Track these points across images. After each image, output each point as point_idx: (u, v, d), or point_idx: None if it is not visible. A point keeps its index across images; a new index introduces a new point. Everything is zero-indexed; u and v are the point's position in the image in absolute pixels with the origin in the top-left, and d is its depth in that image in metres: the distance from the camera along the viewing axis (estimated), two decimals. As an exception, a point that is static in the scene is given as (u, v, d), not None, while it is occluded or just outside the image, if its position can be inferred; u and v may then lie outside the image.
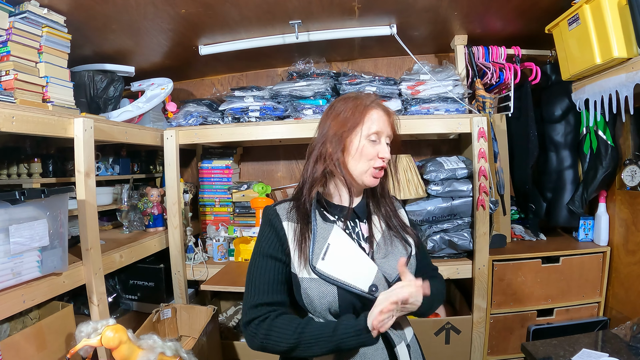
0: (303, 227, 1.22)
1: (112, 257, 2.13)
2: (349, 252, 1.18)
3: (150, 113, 2.69)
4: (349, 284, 1.14)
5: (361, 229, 1.27)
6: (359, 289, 1.13)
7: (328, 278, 1.14)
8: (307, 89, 2.50)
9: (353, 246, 1.20)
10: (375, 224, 1.28)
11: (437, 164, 2.38)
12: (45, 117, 1.74)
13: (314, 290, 1.15)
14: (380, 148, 1.23)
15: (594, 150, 2.44)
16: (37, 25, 1.86)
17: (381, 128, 1.22)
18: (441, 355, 2.38)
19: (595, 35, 1.99)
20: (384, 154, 1.22)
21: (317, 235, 1.20)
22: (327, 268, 1.15)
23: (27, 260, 1.62)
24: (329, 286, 1.14)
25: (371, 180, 1.24)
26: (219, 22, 2.28)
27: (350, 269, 1.16)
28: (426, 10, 2.24)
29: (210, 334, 2.19)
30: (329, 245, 1.18)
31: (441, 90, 2.40)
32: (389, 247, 1.24)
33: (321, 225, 1.22)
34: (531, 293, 2.44)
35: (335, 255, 1.17)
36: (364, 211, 1.30)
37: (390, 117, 1.27)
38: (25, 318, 1.81)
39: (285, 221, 1.24)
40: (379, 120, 1.23)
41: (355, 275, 1.15)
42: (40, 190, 1.62)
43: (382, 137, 1.23)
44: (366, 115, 1.22)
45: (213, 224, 2.84)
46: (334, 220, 1.24)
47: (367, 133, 1.22)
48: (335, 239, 1.20)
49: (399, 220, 1.32)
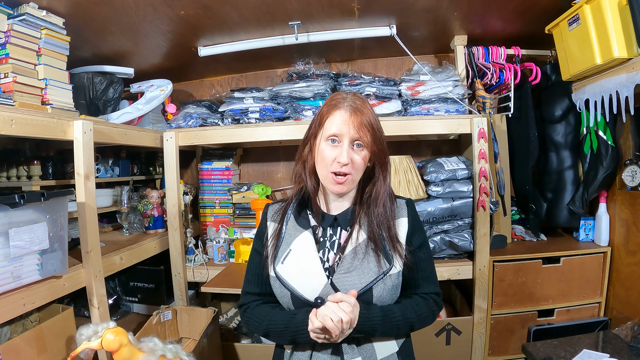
0: (279, 230, 1.26)
1: (112, 259, 2.13)
2: (306, 261, 1.19)
3: (150, 115, 2.68)
4: (297, 291, 1.16)
5: (340, 237, 1.23)
6: (304, 297, 1.15)
7: (282, 281, 1.19)
8: (306, 90, 2.50)
9: (312, 255, 1.19)
10: (354, 234, 1.20)
11: (437, 164, 2.37)
12: (45, 120, 1.73)
13: (276, 289, 1.22)
14: (338, 152, 1.15)
15: (595, 151, 2.43)
16: (35, 27, 1.85)
17: (340, 130, 1.15)
18: (442, 357, 2.38)
19: (596, 35, 1.99)
20: (341, 158, 1.14)
21: (283, 241, 1.24)
22: (284, 272, 1.19)
23: (27, 263, 1.61)
24: (284, 289, 1.19)
25: (333, 187, 1.18)
26: (218, 23, 2.27)
27: (302, 278, 1.18)
28: (426, 11, 2.24)
29: (211, 335, 2.19)
30: (290, 251, 1.21)
31: (441, 90, 2.40)
32: (357, 262, 1.16)
33: (290, 229, 1.25)
34: (532, 293, 2.44)
35: (293, 261, 1.20)
36: (347, 219, 1.24)
37: (359, 118, 1.15)
38: (25, 321, 1.81)
39: (269, 220, 1.31)
40: (340, 122, 1.15)
41: (304, 285, 1.17)
42: (40, 194, 1.62)
43: (343, 139, 1.15)
44: (328, 117, 1.18)
45: (213, 225, 2.83)
46: (313, 225, 1.25)
47: (326, 135, 1.17)
48: (298, 245, 1.21)
49: (389, 232, 1.20)
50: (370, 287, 1.14)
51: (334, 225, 1.25)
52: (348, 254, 1.18)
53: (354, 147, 1.16)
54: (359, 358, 1.15)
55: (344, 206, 1.26)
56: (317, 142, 1.21)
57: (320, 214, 1.26)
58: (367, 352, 1.17)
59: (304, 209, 1.29)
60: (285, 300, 1.20)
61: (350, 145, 1.16)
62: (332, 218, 1.25)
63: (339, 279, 1.15)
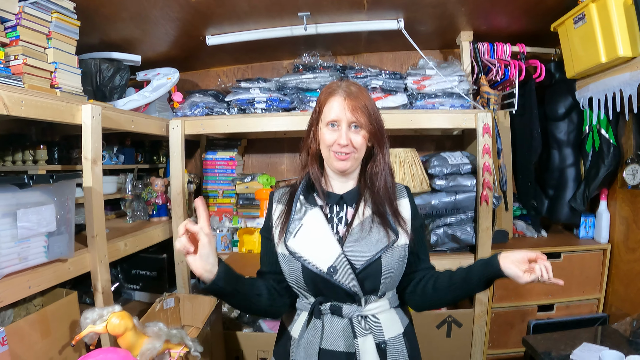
0: (288, 209, 1.32)
1: (116, 245, 2.13)
2: (317, 233, 1.25)
3: (156, 103, 2.68)
4: (310, 261, 1.21)
5: (347, 214, 1.30)
6: (317, 267, 1.20)
7: (294, 254, 1.23)
8: (313, 82, 2.51)
9: (323, 228, 1.25)
10: (360, 210, 1.28)
11: (441, 159, 2.39)
12: (54, 103, 1.73)
13: (285, 265, 1.26)
14: (338, 135, 1.23)
15: (597, 149, 2.46)
16: (46, 10, 1.84)
17: (338, 115, 1.23)
18: (442, 349, 2.40)
19: (601, 33, 2.02)
20: (340, 140, 1.22)
21: (294, 216, 1.29)
22: (295, 245, 1.24)
23: (34, 245, 1.61)
24: (295, 262, 1.23)
25: (337, 164, 1.25)
26: (228, 12, 2.28)
27: (314, 249, 1.22)
28: (434, 6, 2.26)
29: (214, 323, 2.19)
30: (301, 226, 1.26)
31: (447, 85, 2.42)
32: (365, 233, 1.23)
33: (300, 207, 1.31)
34: (532, 288, 2.46)
35: (305, 235, 1.25)
36: (353, 197, 1.31)
37: (353, 101, 1.23)
38: (28, 305, 1.80)
39: (275, 203, 1.37)
40: (335, 108, 1.24)
41: (317, 255, 1.21)
42: (48, 175, 1.62)
43: (341, 123, 1.23)
44: (325, 104, 1.27)
45: (216, 215, 2.83)
46: (320, 205, 1.30)
47: (325, 121, 1.26)
48: (309, 220, 1.27)
49: (392, 208, 1.29)
50: (379, 257, 1.20)
51: (340, 203, 1.32)
52: (356, 226, 1.25)
53: (352, 128, 1.24)
54: (369, 335, 1.19)
55: (349, 186, 1.33)
56: (319, 129, 1.29)
57: (326, 194, 1.33)
58: (376, 330, 1.22)
59: (311, 192, 1.35)
60: (295, 275, 1.24)
61: (348, 127, 1.24)
62: (338, 197, 1.32)
63: (349, 248, 1.21)
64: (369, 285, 1.21)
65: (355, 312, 1.21)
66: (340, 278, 1.18)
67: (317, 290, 1.24)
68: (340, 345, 1.20)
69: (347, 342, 1.20)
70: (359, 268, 1.19)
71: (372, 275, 1.21)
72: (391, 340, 1.24)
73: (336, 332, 1.21)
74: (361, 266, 1.19)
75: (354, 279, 1.18)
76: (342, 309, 1.21)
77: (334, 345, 1.20)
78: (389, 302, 1.28)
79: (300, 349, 1.23)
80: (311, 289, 1.24)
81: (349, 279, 1.18)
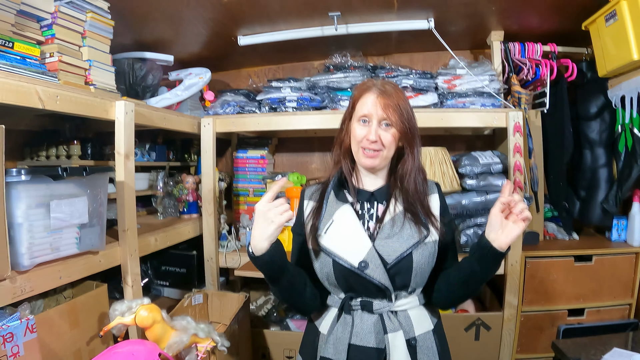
0: (319, 205, 1.32)
1: (147, 239, 2.16)
2: (348, 229, 1.25)
3: (188, 101, 2.72)
4: (341, 257, 1.21)
5: (377, 210, 1.31)
6: (349, 262, 1.20)
7: (325, 249, 1.24)
8: (344, 81, 2.53)
9: (354, 224, 1.25)
10: (391, 206, 1.28)
11: (472, 158, 2.38)
12: (88, 99, 1.78)
13: (316, 261, 1.28)
14: (367, 130, 1.24)
15: (629, 149, 2.40)
16: (81, 10, 1.89)
17: (370, 111, 1.24)
18: (470, 352, 2.37)
19: (633, 31, 2.01)
20: (370, 136, 1.23)
21: (325, 212, 1.29)
22: (326, 241, 1.25)
23: (66, 236, 1.64)
24: (327, 258, 1.24)
25: (365, 161, 1.26)
26: (259, 12, 2.31)
27: (345, 244, 1.23)
28: (464, 5, 2.25)
29: (242, 321, 2.21)
30: (332, 222, 1.27)
31: (477, 85, 2.41)
32: (397, 229, 1.23)
33: (332, 203, 1.31)
34: (562, 291, 2.41)
35: (336, 230, 1.26)
36: (383, 194, 1.32)
37: (386, 99, 1.24)
38: (59, 296, 1.83)
39: (306, 200, 1.39)
40: (368, 104, 1.25)
41: (348, 250, 1.22)
42: (82, 168, 1.67)
43: (372, 119, 1.24)
44: (359, 100, 1.28)
45: (246, 213, 2.85)
46: (351, 201, 1.31)
47: (357, 116, 1.27)
48: (340, 216, 1.27)
49: (423, 205, 1.28)
50: (410, 252, 1.20)
51: (371, 200, 1.32)
52: (387, 222, 1.25)
53: (382, 125, 1.25)
54: (400, 331, 1.20)
55: (379, 183, 1.34)
56: (351, 124, 1.30)
57: (357, 190, 1.34)
58: (407, 326, 1.23)
59: (342, 189, 1.36)
60: (327, 271, 1.24)
61: (379, 124, 1.24)
62: (368, 194, 1.33)
63: (380, 244, 1.22)
64: (400, 281, 1.21)
65: (385, 307, 1.21)
66: (371, 273, 1.18)
67: (348, 286, 1.24)
68: (371, 341, 1.20)
69: (378, 338, 1.20)
70: (390, 263, 1.19)
71: (403, 270, 1.21)
72: (421, 337, 1.24)
73: (366, 328, 1.21)
74: (392, 261, 1.19)
75: (385, 274, 1.18)
76: (373, 305, 1.22)
77: (364, 341, 1.20)
78: (418, 298, 1.28)
79: (329, 345, 1.23)
80: (342, 284, 1.24)
81: (380, 273, 1.18)
